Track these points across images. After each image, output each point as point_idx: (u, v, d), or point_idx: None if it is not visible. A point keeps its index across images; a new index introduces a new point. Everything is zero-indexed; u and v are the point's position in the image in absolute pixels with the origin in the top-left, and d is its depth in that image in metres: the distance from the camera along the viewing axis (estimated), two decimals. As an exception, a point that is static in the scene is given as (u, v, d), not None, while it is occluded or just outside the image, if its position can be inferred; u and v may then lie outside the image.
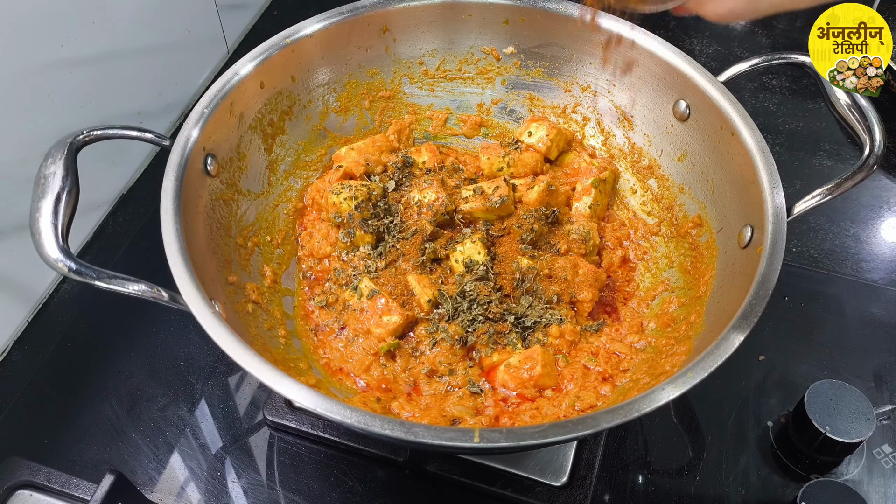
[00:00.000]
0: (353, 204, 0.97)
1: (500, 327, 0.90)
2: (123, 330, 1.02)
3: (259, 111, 0.99)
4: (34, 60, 0.95)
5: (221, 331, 0.70)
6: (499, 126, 1.14)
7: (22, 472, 0.86)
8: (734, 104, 0.90)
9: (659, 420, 0.94)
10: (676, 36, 1.44)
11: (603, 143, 1.09)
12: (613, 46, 0.96)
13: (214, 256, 0.87)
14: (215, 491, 0.88)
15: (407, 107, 1.13)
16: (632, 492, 0.88)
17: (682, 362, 0.76)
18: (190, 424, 0.94)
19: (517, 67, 1.11)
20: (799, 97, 1.33)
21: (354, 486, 0.88)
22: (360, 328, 0.90)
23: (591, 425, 0.65)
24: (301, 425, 0.90)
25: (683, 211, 0.99)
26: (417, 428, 0.65)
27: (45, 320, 1.04)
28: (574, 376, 0.87)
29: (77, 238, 1.10)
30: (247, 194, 0.97)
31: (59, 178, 0.76)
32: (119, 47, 1.09)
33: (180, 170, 0.83)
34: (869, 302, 1.06)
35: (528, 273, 0.93)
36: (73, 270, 0.72)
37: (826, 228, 1.15)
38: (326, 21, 1.01)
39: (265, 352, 0.81)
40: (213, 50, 1.34)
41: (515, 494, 0.85)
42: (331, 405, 0.66)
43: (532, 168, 1.06)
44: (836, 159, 1.24)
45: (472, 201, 1.01)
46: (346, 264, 0.98)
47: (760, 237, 0.81)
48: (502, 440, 0.64)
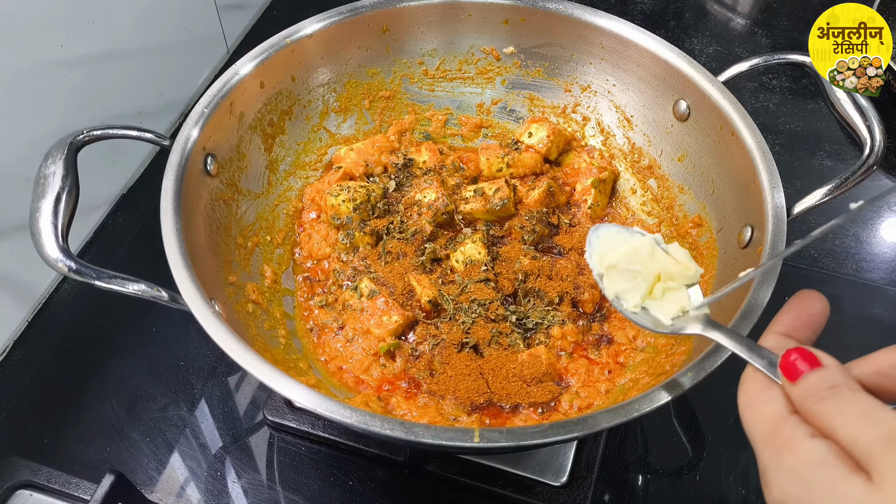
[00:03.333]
0: (351, 206, 0.97)
1: (502, 327, 0.90)
2: (123, 330, 1.02)
3: (259, 111, 0.99)
4: (34, 60, 0.95)
5: (221, 331, 0.70)
6: (499, 126, 1.14)
7: (22, 472, 0.86)
8: (734, 104, 0.90)
9: (659, 420, 0.94)
10: (676, 36, 1.44)
11: (603, 143, 1.09)
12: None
13: (214, 256, 0.87)
14: (215, 491, 0.88)
15: (407, 107, 1.13)
16: (632, 492, 0.88)
17: (682, 362, 0.76)
18: (190, 424, 0.94)
19: (517, 67, 1.11)
20: (799, 97, 1.33)
21: (354, 486, 0.88)
22: (360, 328, 0.90)
23: (591, 425, 0.65)
24: (301, 425, 0.90)
25: (683, 211, 0.99)
26: (417, 428, 0.65)
27: (45, 320, 1.04)
28: (577, 371, 0.87)
29: (77, 238, 1.10)
30: (247, 194, 0.97)
31: (59, 178, 0.76)
32: (119, 47, 1.09)
33: (180, 170, 0.83)
34: (869, 302, 1.05)
35: (529, 274, 0.94)
36: (73, 270, 0.72)
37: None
38: (326, 21, 1.01)
39: (265, 352, 0.81)
40: (213, 50, 1.34)
41: (515, 494, 0.85)
42: (331, 405, 0.66)
43: (532, 168, 1.06)
44: (836, 159, 1.24)
45: (472, 202, 1.01)
46: (346, 265, 0.98)
47: (760, 237, 0.81)
48: (502, 440, 0.64)
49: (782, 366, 0.50)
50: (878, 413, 0.45)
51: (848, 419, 0.45)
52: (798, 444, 0.46)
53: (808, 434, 0.46)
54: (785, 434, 0.47)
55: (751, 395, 0.52)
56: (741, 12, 1.50)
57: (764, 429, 0.49)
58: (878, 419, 0.45)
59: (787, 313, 0.55)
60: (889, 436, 0.43)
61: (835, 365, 0.49)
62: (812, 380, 0.48)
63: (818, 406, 0.47)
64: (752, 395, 0.52)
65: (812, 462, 0.45)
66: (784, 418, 0.48)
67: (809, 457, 0.45)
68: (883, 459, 0.43)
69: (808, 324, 0.54)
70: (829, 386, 0.47)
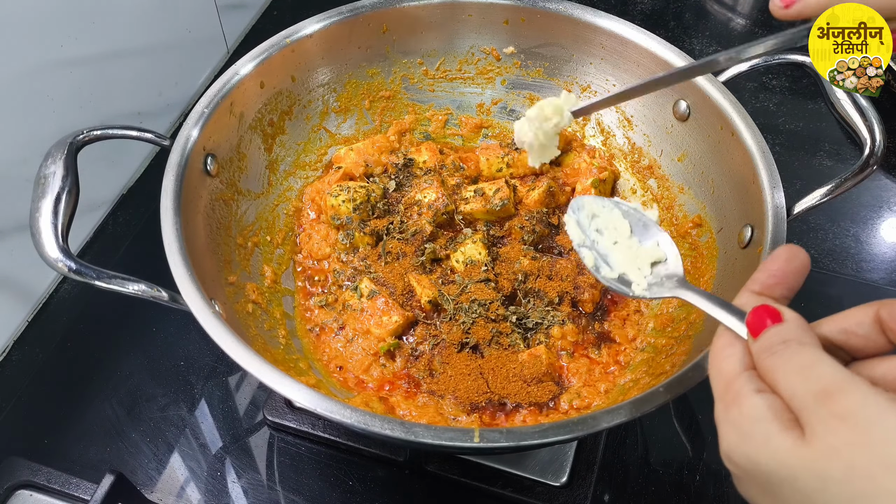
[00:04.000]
0: (351, 206, 0.97)
1: (502, 327, 0.90)
2: (123, 330, 1.02)
3: (259, 111, 0.99)
4: (34, 60, 0.95)
5: (221, 331, 0.70)
6: (499, 126, 1.14)
7: (22, 472, 0.86)
8: (734, 104, 0.90)
9: (659, 420, 0.94)
10: (676, 36, 1.44)
11: (603, 143, 1.09)
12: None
13: (214, 256, 0.87)
14: (215, 491, 0.88)
15: (407, 107, 1.13)
16: (632, 492, 0.88)
17: (682, 362, 0.76)
18: (190, 424, 0.94)
19: (517, 67, 1.11)
20: (799, 97, 1.33)
21: (354, 486, 0.88)
22: (359, 328, 0.90)
23: (591, 425, 0.65)
24: (301, 425, 0.90)
25: (683, 211, 0.99)
26: (417, 428, 0.65)
27: (45, 320, 1.04)
28: (578, 371, 0.87)
29: (77, 238, 1.10)
30: (247, 194, 0.97)
31: (59, 178, 0.76)
32: (119, 47, 1.09)
33: (180, 170, 0.83)
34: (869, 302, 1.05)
35: (529, 274, 0.94)
36: (73, 270, 0.72)
37: (826, 228, 1.15)
38: (326, 21, 1.01)
39: (265, 352, 0.81)
40: (213, 50, 1.34)
41: (515, 494, 0.85)
42: (331, 405, 0.66)
43: (532, 169, 1.06)
44: (836, 159, 1.24)
45: (472, 202, 1.01)
46: (346, 265, 0.98)
47: (760, 237, 0.81)
48: (502, 440, 0.64)
49: (748, 322, 0.50)
50: (816, 367, 0.45)
51: (788, 374, 0.45)
52: (744, 400, 0.46)
53: (755, 390, 0.47)
54: (735, 389, 0.48)
55: (716, 352, 0.52)
56: (741, 12, 1.50)
57: (720, 384, 0.50)
58: (815, 374, 0.44)
59: (763, 271, 0.54)
60: (822, 391, 0.43)
61: (794, 319, 0.49)
62: (769, 335, 0.48)
63: (768, 360, 0.47)
64: (716, 352, 0.52)
65: (751, 416, 0.45)
66: (738, 374, 0.49)
67: (750, 411, 0.46)
68: (814, 415, 0.43)
69: (781, 280, 0.53)
70: (782, 340, 0.47)
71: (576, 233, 0.75)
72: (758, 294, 0.53)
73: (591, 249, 0.73)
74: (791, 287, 0.53)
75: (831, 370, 0.44)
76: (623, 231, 0.74)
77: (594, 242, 0.74)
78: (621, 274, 0.71)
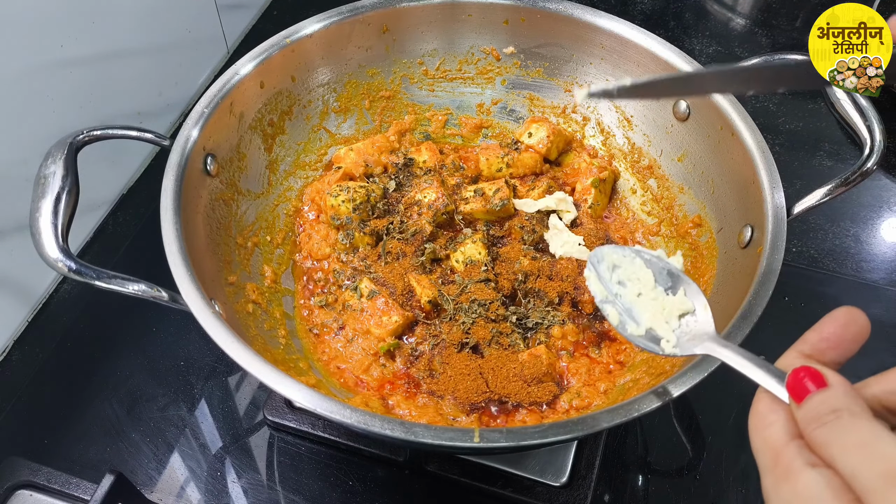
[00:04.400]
0: (351, 206, 0.97)
1: (502, 327, 0.90)
2: (123, 330, 1.02)
3: (259, 111, 0.99)
4: (34, 60, 0.95)
5: (221, 331, 0.70)
6: (499, 126, 1.14)
7: (22, 472, 0.86)
8: (734, 104, 0.90)
9: (659, 420, 0.94)
10: (676, 36, 1.44)
11: (603, 143, 1.09)
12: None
13: (214, 256, 0.87)
14: (215, 491, 0.88)
15: (407, 107, 1.13)
16: (632, 492, 0.88)
17: (682, 362, 0.76)
18: (190, 424, 0.94)
19: (517, 67, 1.11)
20: (799, 97, 1.33)
21: (354, 486, 0.88)
22: (359, 328, 0.90)
23: (591, 425, 0.65)
24: (301, 425, 0.90)
25: (683, 211, 0.99)
26: (417, 428, 0.65)
27: (45, 320, 1.04)
28: (578, 370, 0.87)
29: (77, 238, 1.10)
30: (247, 194, 0.97)
31: (59, 178, 0.76)
32: (119, 47, 1.09)
33: (180, 170, 0.83)
34: (869, 302, 1.05)
35: (529, 274, 0.94)
36: (73, 270, 0.72)
37: (826, 228, 1.15)
38: (326, 21, 1.01)
39: (265, 352, 0.81)
40: (213, 50, 1.34)
41: (515, 494, 0.85)
42: (331, 405, 0.66)
43: (532, 168, 1.06)
44: (836, 159, 1.24)
45: (472, 202, 1.01)
46: (346, 265, 0.98)
47: (760, 237, 0.81)
48: (502, 440, 0.64)
49: (789, 385, 0.47)
50: (878, 445, 0.42)
51: (847, 450, 0.42)
52: (796, 475, 0.43)
53: (808, 463, 0.44)
54: (785, 462, 0.45)
55: (757, 418, 0.49)
56: (741, 12, 1.50)
57: (767, 455, 0.46)
58: (878, 452, 0.41)
59: (816, 331, 0.50)
60: (889, 472, 0.40)
61: (840, 384, 0.46)
62: (815, 402, 0.45)
63: (818, 432, 0.44)
64: (758, 418, 0.49)
65: (808, 496, 0.42)
66: (786, 444, 0.46)
67: (806, 490, 0.43)
68: (882, 498, 0.40)
69: (835, 345, 0.49)
70: (831, 410, 0.44)
71: (597, 288, 0.71)
72: (807, 357, 0.50)
73: (615, 305, 0.70)
74: (845, 355, 0.50)
75: (893, 447, 0.41)
76: (647, 281, 0.70)
77: (617, 296, 0.70)
78: (648, 329, 0.68)
